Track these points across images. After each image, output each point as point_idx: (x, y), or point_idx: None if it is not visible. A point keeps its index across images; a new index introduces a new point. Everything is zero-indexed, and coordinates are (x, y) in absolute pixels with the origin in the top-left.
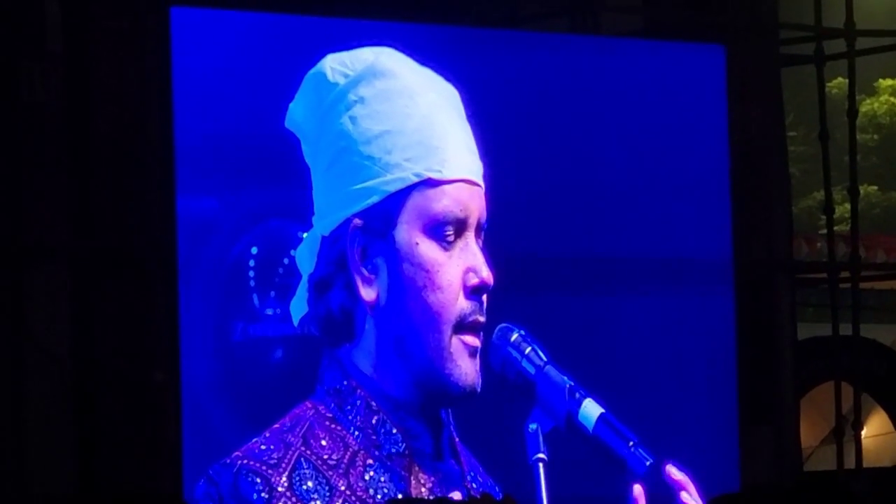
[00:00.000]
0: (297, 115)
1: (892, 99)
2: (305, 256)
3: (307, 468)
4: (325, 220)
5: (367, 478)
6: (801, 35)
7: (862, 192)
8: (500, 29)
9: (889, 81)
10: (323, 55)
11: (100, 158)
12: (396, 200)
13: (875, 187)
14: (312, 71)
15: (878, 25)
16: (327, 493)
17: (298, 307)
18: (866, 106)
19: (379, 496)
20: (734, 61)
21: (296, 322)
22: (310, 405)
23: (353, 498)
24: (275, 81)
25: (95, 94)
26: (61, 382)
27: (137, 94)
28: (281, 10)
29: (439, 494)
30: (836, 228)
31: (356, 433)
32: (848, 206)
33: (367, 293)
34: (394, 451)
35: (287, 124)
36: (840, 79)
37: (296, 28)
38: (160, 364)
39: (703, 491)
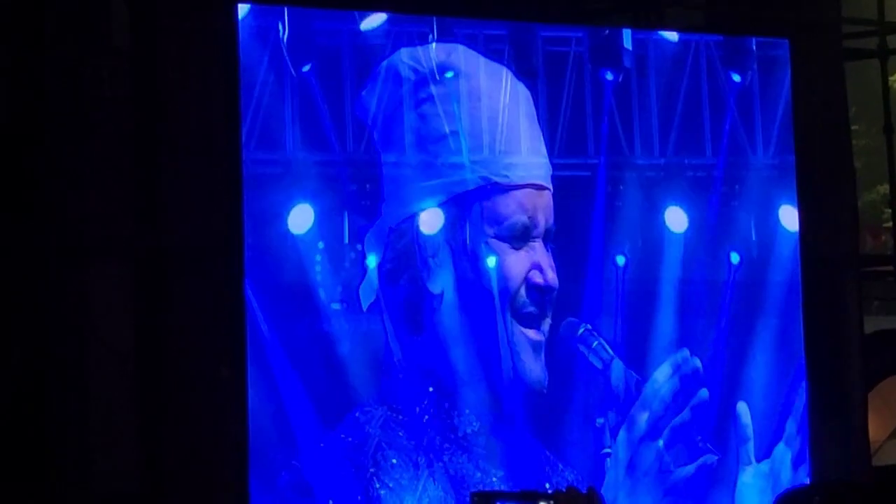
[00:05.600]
0: (370, 104)
1: None
2: (373, 244)
3: (389, 450)
4: (393, 211)
5: (444, 459)
6: (864, 29)
7: None
8: (565, 25)
9: None
10: (387, 54)
11: (165, 154)
12: (462, 201)
13: None
14: (386, 63)
15: None
16: (412, 470)
17: (367, 293)
18: None
19: (457, 472)
20: (798, 56)
21: (365, 307)
22: (381, 402)
23: (436, 473)
24: (338, 78)
25: (162, 90)
26: (125, 379)
27: (203, 91)
28: (344, 6)
29: (515, 466)
30: None
31: (429, 421)
32: None
33: (434, 287)
34: (469, 430)
35: (359, 112)
36: None
37: (360, 25)
38: (226, 360)
39: (773, 485)
